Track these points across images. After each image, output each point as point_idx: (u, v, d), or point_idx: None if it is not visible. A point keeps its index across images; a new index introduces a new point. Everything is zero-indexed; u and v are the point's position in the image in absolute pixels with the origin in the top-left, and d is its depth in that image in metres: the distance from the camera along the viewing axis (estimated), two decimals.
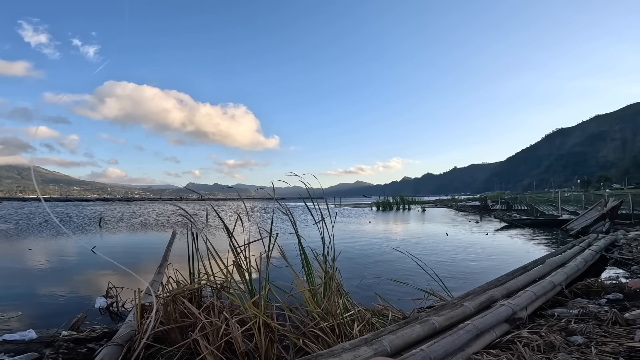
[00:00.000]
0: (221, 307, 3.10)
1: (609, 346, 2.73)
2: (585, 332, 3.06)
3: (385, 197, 52.86)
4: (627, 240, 10.24)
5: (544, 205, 32.12)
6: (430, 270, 4.79)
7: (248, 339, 2.86)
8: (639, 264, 7.40)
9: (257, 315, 2.86)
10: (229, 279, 3.43)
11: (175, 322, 3.06)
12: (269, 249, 3.55)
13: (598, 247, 8.36)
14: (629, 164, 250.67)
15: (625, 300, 4.57)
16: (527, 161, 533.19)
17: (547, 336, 2.87)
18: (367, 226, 22.79)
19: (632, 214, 16.77)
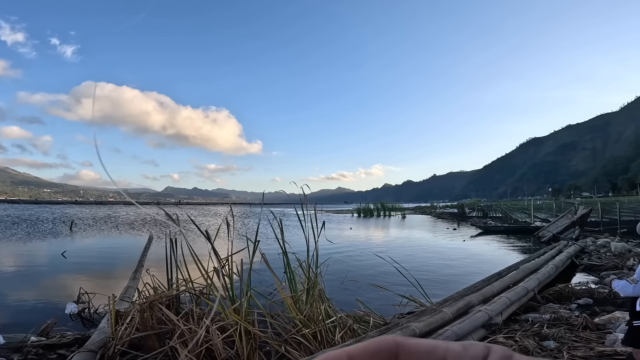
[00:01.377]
0: (201, 313, 3.04)
1: (581, 351, 2.83)
2: (557, 336, 3.17)
3: (366, 204, 53.31)
4: (596, 247, 10.69)
5: (517, 212, 33.26)
6: (410, 276, 4.84)
7: (229, 345, 2.81)
8: (607, 270, 7.71)
9: (238, 322, 2.81)
10: (209, 286, 3.35)
11: (152, 329, 2.96)
12: (252, 255, 3.49)
13: (568, 254, 8.68)
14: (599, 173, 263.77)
15: (595, 306, 4.76)
16: (503, 170, 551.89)
17: (522, 341, 2.95)
18: (348, 232, 22.89)
19: (601, 221, 17.61)
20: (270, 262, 3.71)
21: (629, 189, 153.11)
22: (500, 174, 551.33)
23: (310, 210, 4.29)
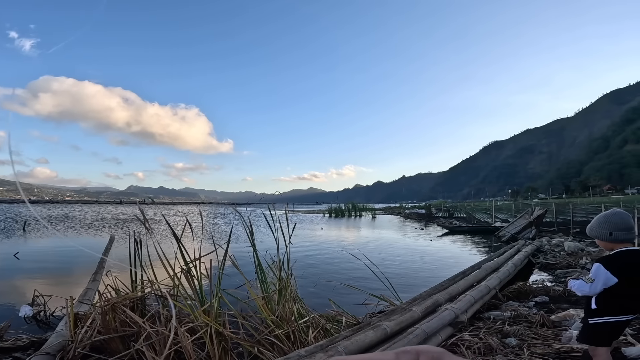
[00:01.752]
0: (168, 315, 2.97)
1: (539, 348, 3.01)
2: (517, 334, 3.36)
3: (338, 204, 53.79)
4: (550, 246, 11.41)
5: (480, 213, 34.89)
6: (380, 275, 4.93)
7: (199, 347, 2.78)
8: (561, 269, 8.24)
9: (208, 324, 2.78)
10: (177, 287, 3.28)
11: (115, 332, 2.88)
12: (224, 256, 3.44)
13: (526, 253, 9.21)
14: (554, 175, 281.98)
15: (551, 303, 5.07)
16: (467, 171, 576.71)
17: (486, 339, 3.10)
18: (319, 232, 23.00)
19: (555, 222, 18.82)
20: (241, 263, 3.68)
21: (582, 191, 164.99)
22: (465, 175, 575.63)
23: (281, 211, 4.29)
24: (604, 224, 2.31)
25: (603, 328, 2.25)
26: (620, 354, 2.79)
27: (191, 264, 3.32)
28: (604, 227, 2.30)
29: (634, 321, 3.55)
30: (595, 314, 2.27)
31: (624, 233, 2.27)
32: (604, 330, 2.25)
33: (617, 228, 2.27)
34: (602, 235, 2.31)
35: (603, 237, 2.31)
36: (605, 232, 2.29)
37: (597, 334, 2.28)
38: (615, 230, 2.27)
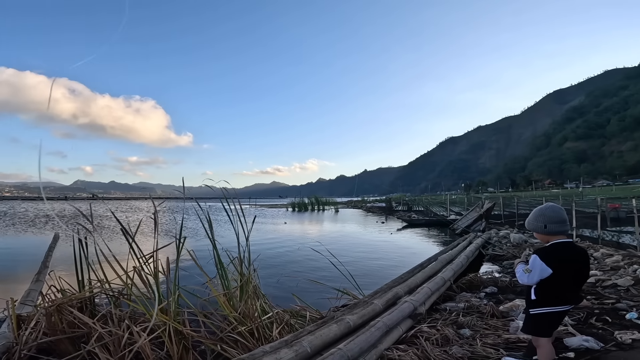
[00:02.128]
0: (122, 315, 2.88)
1: (490, 338, 3.22)
2: (471, 324, 3.58)
3: (301, 198, 53.86)
4: (498, 238, 12.21)
5: (436, 206, 36.62)
6: (343, 269, 4.99)
7: (158, 347, 2.71)
8: (508, 260, 8.87)
9: (166, 323, 2.71)
10: (130, 286, 3.16)
11: (63, 333, 2.75)
12: (178, 252, 3.33)
13: (476, 245, 9.77)
14: (502, 170, 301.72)
15: (499, 294, 5.43)
16: (425, 166, 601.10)
17: (443, 330, 3.28)
18: (283, 227, 22.93)
19: (503, 214, 20.20)
20: (201, 259, 3.61)
21: (526, 185, 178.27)
22: (423, 170, 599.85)
23: (244, 205, 4.23)
24: (539, 218, 2.44)
25: (542, 318, 2.38)
26: (562, 344, 2.99)
27: (145, 261, 3.23)
28: (539, 221, 2.43)
29: (573, 311, 3.90)
30: (535, 305, 2.40)
31: (557, 225, 2.39)
32: (544, 320, 2.38)
33: (551, 221, 2.39)
34: (538, 228, 2.44)
35: (539, 229, 2.44)
36: (540, 225, 2.42)
37: (537, 325, 2.41)
38: (549, 223, 2.39)
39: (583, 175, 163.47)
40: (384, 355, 2.78)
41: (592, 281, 5.72)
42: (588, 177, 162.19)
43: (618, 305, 4.29)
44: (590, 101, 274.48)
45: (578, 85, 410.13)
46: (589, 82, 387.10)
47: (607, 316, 3.82)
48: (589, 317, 3.84)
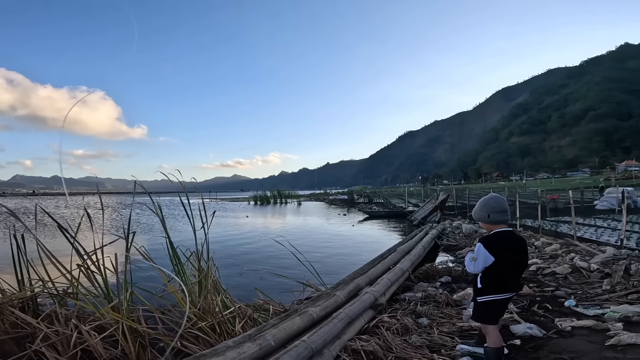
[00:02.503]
0: (68, 315, 2.79)
1: (446, 326, 3.42)
2: (428, 313, 3.78)
3: (263, 192, 53.27)
4: (452, 228, 12.93)
5: (395, 198, 37.95)
6: (306, 262, 5.02)
7: (112, 345, 2.64)
8: (460, 250, 9.38)
9: (119, 321, 2.65)
10: (76, 284, 3.05)
11: (6, 334, 2.66)
12: (128, 247, 3.23)
13: (432, 236, 10.26)
14: (455, 164, 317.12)
15: (453, 283, 5.73)
16: (385, 159, 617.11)
17: (402, 319, 3.43)
18: (244, 220, 22.60)
19: (456, 206, 21.40)
20: (156, 255, 3.52)
21: (477, 177, 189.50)
22: (383, 163, 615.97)
23: (204, 199, 4.14)
24: (483, 208, 2.59)
25: (488, 306, 2.53)
26: (509, 331, 3.21)
27: (89, 258, 3.12)
28: (483, 210, 2.58)
29: (518, 299, 4.19)
30: (481, 293, 2.54)
31: (499, 215, 2.54)
32: (490, 308, 2.54)
33: (494, 210, 2.54)
34: (482, 218, 2.59)
35: (483, 219, 2.59)
36: (484, 215, 2.57)
37: (484, 312, 2.56)
38: (492, 213, 2.54)
39: (526, 168, 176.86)
40: (348, 345, 2.86)
41: (534, 269, 6.13)
42: (531, 170, 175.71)
43: (557, 292, 4.61)
44: (534, 98, 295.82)
45: (524, 83, 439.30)
46: (534, 80, 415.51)
47: (547, 303, 4.07)
48: (531, 305, 4.07)
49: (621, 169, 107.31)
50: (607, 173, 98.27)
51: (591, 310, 3.75)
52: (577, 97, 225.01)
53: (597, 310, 3.76)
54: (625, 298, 4.11)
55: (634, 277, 4.73)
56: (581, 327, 3.22)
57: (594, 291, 4.62)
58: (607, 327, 3.13)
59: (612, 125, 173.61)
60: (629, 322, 3.29)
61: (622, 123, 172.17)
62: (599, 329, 3.16)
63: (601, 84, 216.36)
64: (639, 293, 4.16)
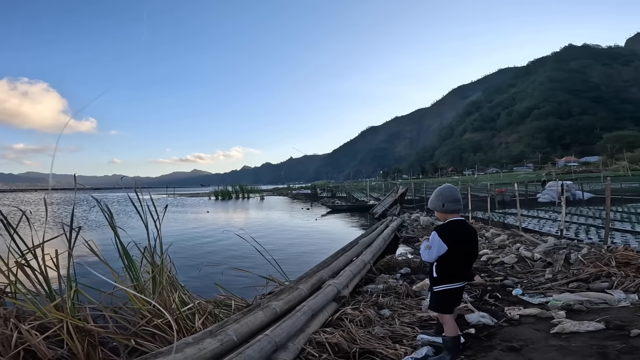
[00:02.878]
0: (6, 314, 2.69)
1: (407, 317, 3.52)
2: (389, 305, 3.88)
3: (225, 186, 52.06)
4: (410, 221, 13.44)
5: (357, 192, 38.74)
6: (269, 256, 4.99)
7: (59, 345, 2.55)
8: (418, 242, 9.76)
9: (63, 320, 2.56)
10: (14, 283, 2.92)
11: None
12: (72, 244, 3.06)
13: (392, 228, 10.63)
14: (414, 158, 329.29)
15: (412, 274, 5.92)
16: (347, 154, 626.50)
17: (365, 311, 3.50)
18: (205, 215, 21.98)
19: (414, 199, 22.25)
20: (105, 252, 3.40)
21: (433, 172, 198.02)
22: (346, 157, 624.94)
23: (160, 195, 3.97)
24: (438, 197, 2.72)
25: (444, 295, 2.64)
26: (464, 320, 3.36)
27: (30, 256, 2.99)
28: (438, 200, 2.71)
29: (471, 289, 4.40)
30: (437, 282, 2.65)
31: (452, 204, 2.68)
32: (445, 297, 2.63)
33: (447, 200, 2.68)
34: (437, 207, 2.72)
35: (438, 208, 2.72)
36: (439, 204, 2.70)
37: (440, 301, 2.68)
38: (446, 202, 2.68)
39: (478, 163, 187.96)
40: (312, 338, 2.87)
41: (484, 259, 6.51)
42: (482, 165, 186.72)
43: (506, 282, 4.90)
44: (486, 97, 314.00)
45: (477, 82, 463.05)
46: (486, 79, 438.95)
47: (498, 293, 4.30)
48: (483, 294, 4.28)
49: (561, 165, 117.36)
50: (548, 168, 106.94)
51: (536, 299, 4.01)
52: (524, 96, 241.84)
53: (541, 298, 4.00)
54: (566, 286, 4.43)
55: (574, 266, 5.14)
56: (528, 316, 3.41)
57: (538, 280, 4.95)
58: (551, 315, 3.34)
59: (554, 124, 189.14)
60: (571, 310, 3.53)
61: (562, 121, 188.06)
62: (544, 317, 3.36)
63: (545, 83, 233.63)
64: (579, 281, 4.50)
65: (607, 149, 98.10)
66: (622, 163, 73.34)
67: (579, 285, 4.42)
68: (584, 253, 5.46)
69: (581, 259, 5.25)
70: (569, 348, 2.61)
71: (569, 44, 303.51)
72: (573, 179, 38.13)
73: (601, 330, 2.88)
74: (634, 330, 2.77)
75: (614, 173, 55.66)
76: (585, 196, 18.93)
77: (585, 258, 5.24)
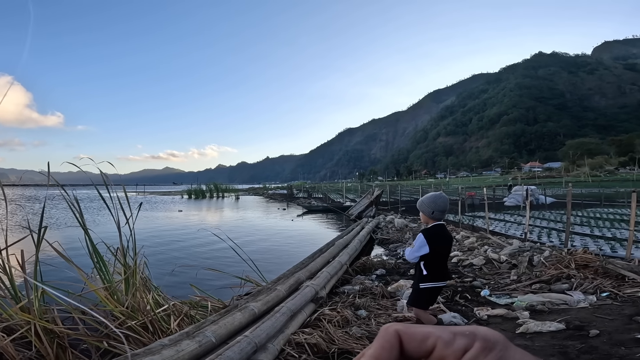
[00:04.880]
0: None
1: (383, 317, 3.62)
2: (366, 305, 3.97)
3: (199, 185, 50.91)
4: (385, 223, 13.64)
5: (334, 193, 39.02)
6: (245, 257, 4.93)
7: (27, 347, 2.50)
8: (393, 243, 10.00)
9: (30, 322, 2.51)
10: None
11: None
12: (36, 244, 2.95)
13: (368, 230, 10.73)
14: (389, 161, 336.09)
15: (387, 275, 6.05)
16: (324, 155, 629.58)
17: (343, 312, 3.55)
18: (177, 215, 21.46)
19: (389, 201, 22.70)
20: (74, 252, 3.33)
21: (407, 174, 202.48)
22: (323, 158, 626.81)
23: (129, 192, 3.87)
24: (431, 204, 2.96)
25: (426, 292, 2.93)
26: (438, 320, 3.43)
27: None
28: (430, 206, 2.96)
29: (444, 290, 4.57)
30: (425, 280, 2.92)
31: (440, 214, 2.98)
32: (427, 294, 2.93)
33: (438, 209, 2.96)
34: (427, 212, 2.98)
35: (427, 213, 2.98)
36: (429, 210, 2.96)
37: (421, 298, 2.94)
38: (436, 211, 2.95)
39: (450, 166, 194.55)
40: (291, 339, 2.90)
41: (455, 261, 6.75)
42: (453, 169, 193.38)
43: (475, 283, 5.12)
44: (459, 102, 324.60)
45: (452, 87, 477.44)
46: (460, 84, 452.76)
47: (467, 293, 4.50)
48: (454, 295, 4.47)
49: (526, 169, 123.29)
50: (514, 173, 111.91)
51: (502, 300, 4.23)
52: (494, 102, 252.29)
53: (507, 299, 4.23)
54: (530, 288, 4.69)
55: (536, 268, 5.43)
56: (495, 316, 3.60)
57: (504, 281, 5.21)
58: (517, 316, 3.54)
59: (521, 129, 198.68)
60: (534, 310, 3.75)
61: (529, 127, 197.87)
62: (509, 317, 3.55)
63: (515, 90, 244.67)
64: (541, 283, 4.77)
65: (569, 155, 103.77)
66: (583, 169, 78.05)
67: (541, 286, 4.68)
68: (546, 255, 5.77)
69: (543, 261, 5.56)
70: (532, 348, 2.77)
71: (539, 52, 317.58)
72: (537, 183, 40.11)
73: (562, 331, 3.06)
74: (592, 330, 2.96)
75: (575, 179, 59.01)
76: (547, 201, 19.99)
77: (547, 260, 5.55)
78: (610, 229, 10.04)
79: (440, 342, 0.25)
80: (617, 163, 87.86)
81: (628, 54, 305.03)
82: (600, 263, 4.86)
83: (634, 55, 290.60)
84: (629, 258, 5.51)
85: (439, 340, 0.25)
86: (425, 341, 0.25)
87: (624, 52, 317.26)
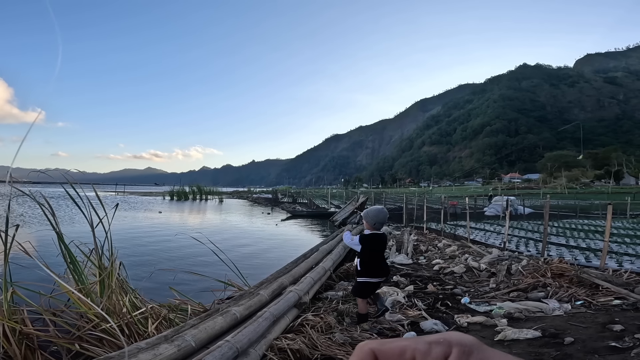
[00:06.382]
0: None
1: (365, 324, 3.63)
2: (349, 312, 3.98)
3: (181, 186, 50.04)
4: None
5: (319, 199, 39.10)
6: (227, 260, 4.85)
7: None
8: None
9: None
10: None
11: None
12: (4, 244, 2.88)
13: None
14: (374, 168, 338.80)
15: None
16: (310, 160, 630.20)
17: (326, 317, 3.55)
18: (158, 216, 20.99)
19: None
20: (47, 252, 3.26)
21: (392, 182, 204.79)
22: (308, 163, 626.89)
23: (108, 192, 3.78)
24: (374, 217, 3.56)
25: (363, 285, 3.57)
26: (419, 327, 3.58)
27: None
28: (374, 219, 3.56)
29: (425, 297, 4.68)
30: (360, 274, 3.56)
31: (379, 225, 3.60)
32: (364, 287, 3.57)
33: (378, 221, 3.57)
34: (370, 222, 3.57)
35: (370, 223, 3.57)
36: (372, 222, 3.56)
37: (359, 289, 3.61)
38: (377, 223, 3.57)
39: (433, 175, 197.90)
40: (274, 344, 2.87)
41: (437, 269, 6.85)
42: (437, 178, 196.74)
43: (455, 290, 5.20)
44: (445, 111, 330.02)
45: (438, 96, 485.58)
46: (447, 94, 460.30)
47: (448, 301, 4.57)
48: (436, 302, 4.54)
49: (506, 180, 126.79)
50: (495, 183, 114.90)
51: (482, 307, 4.31)
52: (478, 113, 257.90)
53: (486, 307, 4.31)
54: (508, 295, 4.81)
55: (514, 276, 5.58)
56: (475, 323, 3.68)
57: (484, 289, 5.32)
58: (495, 323, 3.62)
59: (502, 141, 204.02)
60: (512, 317, 3.85)
61: (510, 139, 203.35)
62: (488, 324, 3.64)
63: (498, 101, 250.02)
64: (519, 291, 4.90)
65: (547, 168, 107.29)
66: (560, 181, 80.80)
67: (518, 294, 4.81)
68: (523, 264, 5.93)
69: (521, 270, 5.71)
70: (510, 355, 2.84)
71: (524, 63, 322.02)
72: (516, 194, 41.29)
73: (538, 338, 3.15)
74: (567, 338, 3.05)
75: (552, 190, 60.99)
76: (525, 211, 20.59)
77: (525, 269, 5.70)
78: (585, 240, 10.41)
79: (417, 354, 0.25)
80: (593, 176, 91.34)
81: (608, 67, 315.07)
82: (575, 272, 5.03)
83: (614, 68, 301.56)
84: (603, 268, 5.72)
85: (416, 353, 0.25)
86: (403, 355, 0.26)
87: (605, 65, 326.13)
